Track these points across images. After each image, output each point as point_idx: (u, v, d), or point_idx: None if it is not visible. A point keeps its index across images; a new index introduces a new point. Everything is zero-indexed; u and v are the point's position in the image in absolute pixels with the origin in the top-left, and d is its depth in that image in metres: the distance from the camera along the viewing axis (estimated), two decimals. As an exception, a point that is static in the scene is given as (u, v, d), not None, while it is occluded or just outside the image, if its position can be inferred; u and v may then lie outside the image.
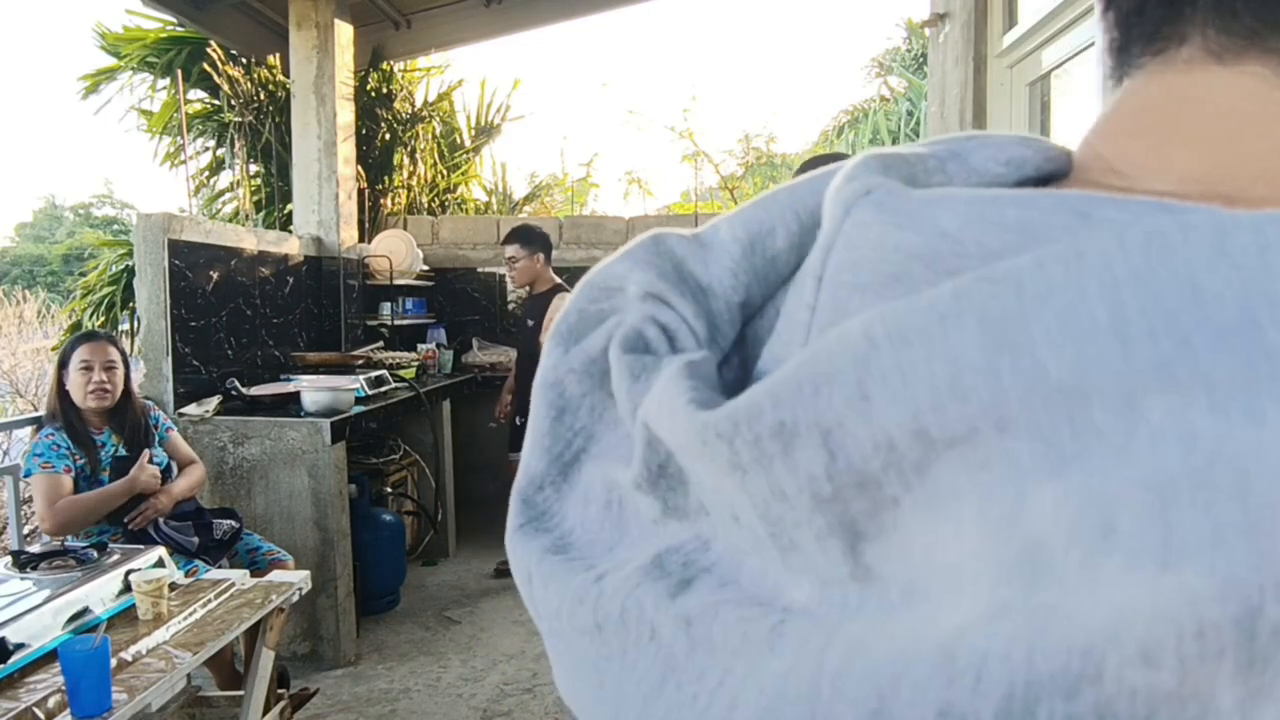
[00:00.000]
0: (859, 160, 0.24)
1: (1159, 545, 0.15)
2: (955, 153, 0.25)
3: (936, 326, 0.18)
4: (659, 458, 0.23)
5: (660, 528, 0.24)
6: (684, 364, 0.23)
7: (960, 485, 0.18)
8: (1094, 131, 0.26)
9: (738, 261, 0.26)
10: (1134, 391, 0.16)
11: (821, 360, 0.19)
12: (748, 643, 0.20)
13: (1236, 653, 0.14)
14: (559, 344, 0.27)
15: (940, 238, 0.21)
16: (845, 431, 0.19)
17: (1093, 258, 0.17)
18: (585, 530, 0.26)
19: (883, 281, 0.21)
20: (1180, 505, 0.15)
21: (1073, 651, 0.15)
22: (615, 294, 0.27)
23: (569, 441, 0.27)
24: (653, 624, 0.22)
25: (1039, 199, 0.20)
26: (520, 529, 0.27)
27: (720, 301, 0.26)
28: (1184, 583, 0.15)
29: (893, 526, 0.19)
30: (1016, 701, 0.16)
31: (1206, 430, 0.15)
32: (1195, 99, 0.23)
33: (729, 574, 0.22)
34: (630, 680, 0.22)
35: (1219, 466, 0.15)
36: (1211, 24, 0.22)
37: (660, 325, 0.25)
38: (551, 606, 0.25)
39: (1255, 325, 0.16)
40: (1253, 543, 0.14)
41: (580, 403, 0.27)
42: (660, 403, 0.22)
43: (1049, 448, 0.17)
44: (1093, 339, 0.17)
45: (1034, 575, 0.16)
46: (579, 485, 0.27)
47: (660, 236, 0.27)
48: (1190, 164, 0.23)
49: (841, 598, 0.20)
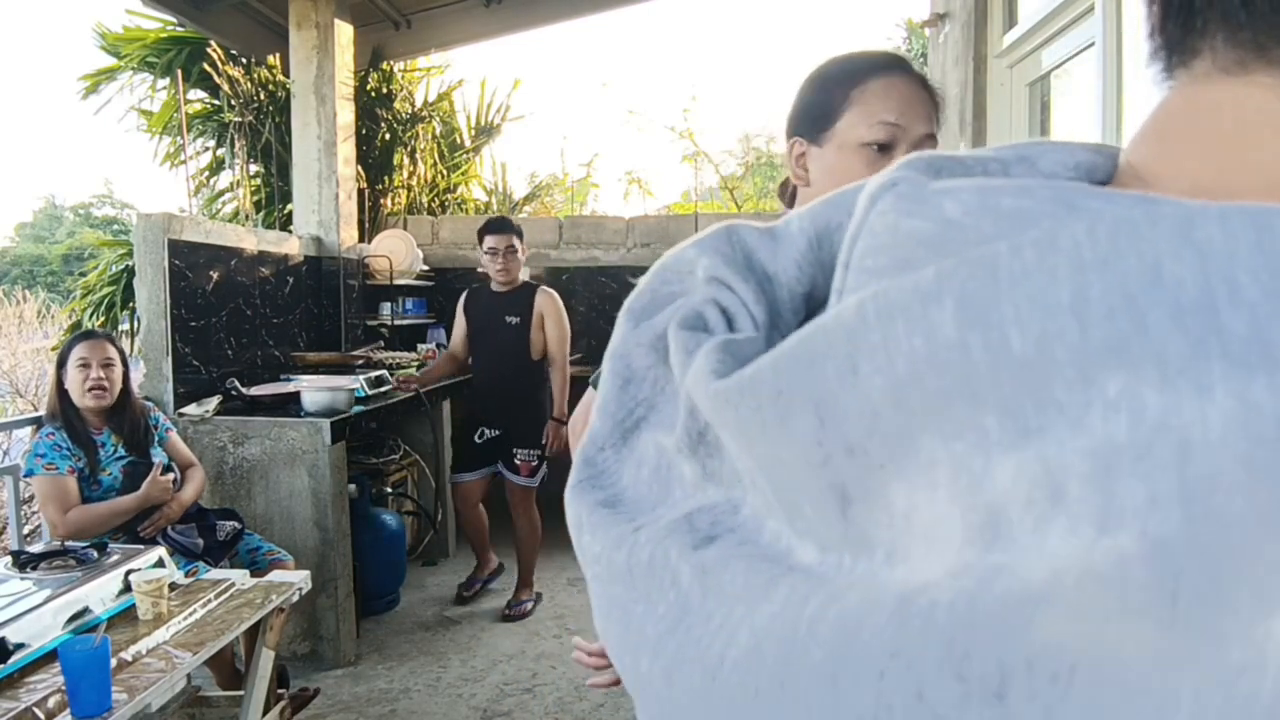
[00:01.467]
0: (905, 158, 0.25)
1: (1099, 510, 0.16)
2: (1023, 156, 0.26)
3: (918, 305, 0.19)
4: (698, 425, 0.25)
5: (698, 491, 0.26)
6: (722, 340, 0.25)
7: (936, 454, 0.19)
8: (1131, 139, 0.27)
9: (803, 254, 0.27)
10: (1090, 367, 0.17)
11: (819, 335, 0.21)
12: (749, 590, 0.22)
13: (1159, 611, 0.15)
14: (630, 319, 0.30)
15: (945, 224, 0.22)
16: (835, 400, 0.20)
17: (1064, 243, 0.18)
18: (635, 490, 0.28)
19: (895, 266, 0.22)
20: (1122, 474, 0.16)
21: (1008, 603, 0.17)
22: (686, 277, 0.29)
23: (631, 410, 0.29)
24: (675, 571, 0.24)
25: (1036, 190, 0.21)
26: (579, 484, 0.29)
27: (784, 290, 0.27)
28: (1116, 544, 0.16)
29: (879, 491, 0.20)
30: (956, 647, 0.17)
31: (1154, 404, 0.16)
32: (1207, 110, 0.24)
33: (749, 535, 0.24)
34: (650, 620, 0.24)
35: (1161, 438, 0.16)
36: (1219, 38, 0.23)
37: (721, 307, 0.27)
38: (595, 552, 0.27)
39: (1212, 308, 0.16)
40: (1185, 509, 0.15)
41: (645, 375, 0.29)
42: (693, 373, 0.24)
43: (1014, 420, 0.18)
44: (1054, 317, 0.18)
45: (993, 538, 0.18)
46: (636, 449, 0.29)
47: (734, 227, 0.29)
48: (1198, 172, 0.24)
49: (837, 560, 0.22)
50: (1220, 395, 0.16)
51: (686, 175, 21.15)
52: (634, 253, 4.86)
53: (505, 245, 3.39)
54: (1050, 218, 0.20)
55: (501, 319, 3.45)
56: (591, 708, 2.74)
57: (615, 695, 2.81)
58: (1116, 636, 0.16)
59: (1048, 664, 0.16)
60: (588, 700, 2.79)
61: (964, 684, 0.17)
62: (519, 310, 3.45)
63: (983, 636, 0.17)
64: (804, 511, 0.22)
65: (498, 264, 3.41)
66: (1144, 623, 0.15)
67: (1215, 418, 0.16)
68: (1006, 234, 0.20)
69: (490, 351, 3.50)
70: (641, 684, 0.25)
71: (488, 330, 3.49)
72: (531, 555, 3.58)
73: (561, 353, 3.49)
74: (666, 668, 0.24)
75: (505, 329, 3.44)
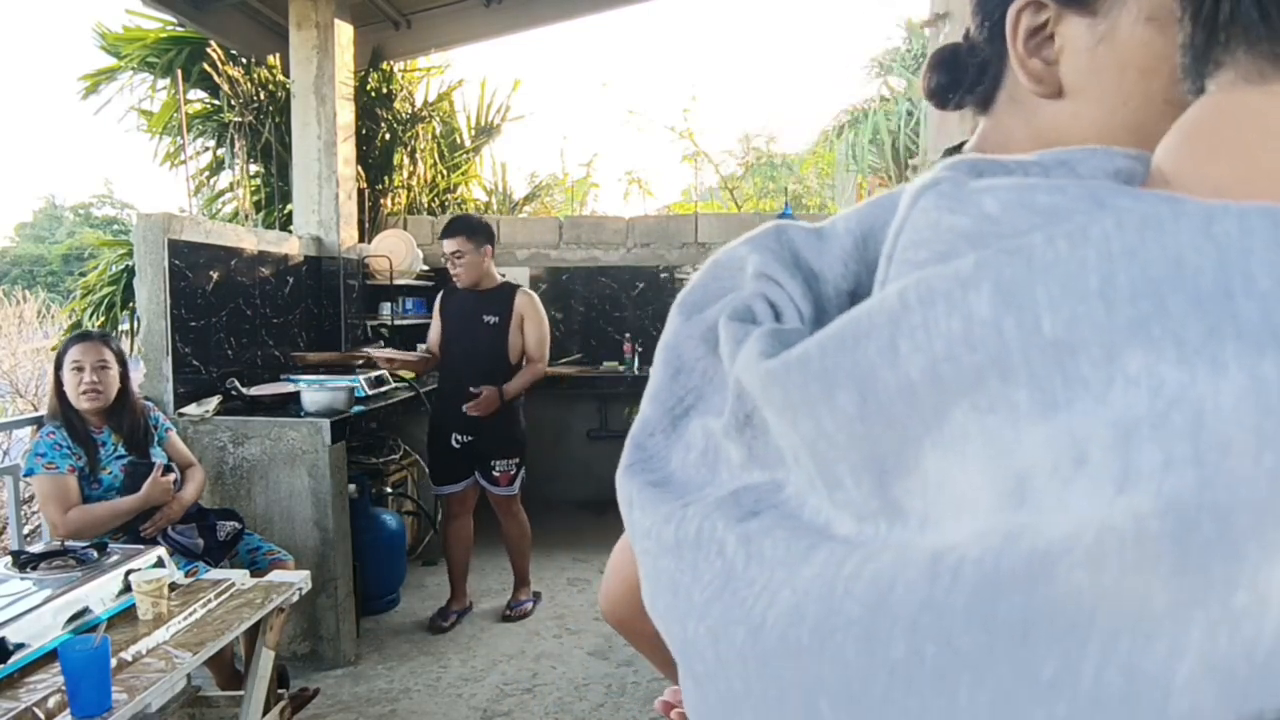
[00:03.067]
0: (948, 160, 0.27)
1: (1119, 473, 0.18)
2: (1063, 161, 0.27)
3: (958, 289, 0.21)
4: (746, 408, 0.27)
5: (744, 472, 0.28)
6: (770, 329, 0.26)
7: (969, 427, 0.21)
8: (1161, 146, 0.28)
9: (849, 253, 0.29)
10: (1114, 345, 0.19)
11: (863, 318, 0.23)
12: (790, 555, 0.24)
13: (1172, 561, 0.16)
14: (683, 313, 0.31)
15: (983, 219, 0.23)
16: (876, 377, 0.22)
17: (1095, 235, 0.20)
18: (684, 472, 0.29)
19: (936, 258, 0.24)
20: (1141, 440, 0.18)
21: (1032, 556, 0.18)
22: (737, 273, 0.30)
23: (680, 398, 0.31)
24: (720, 542, 0.26)
25: (1068, 188, 0.23)
26: (630, 467, 0.31)
27: (830, 287, 0.29)
28: (1132, 502, 0.17)
29: (915, 463, 0.22)
30: (983, 598, 0.18)
31: (1172, 379, 0.18)
32: (1229, 117, 0.25)
33: (792, 511, 0.26)
34: (698, 587, 0.26)
35: (1178, 409, 0.17)
36: (1241, 50, 0.25)
37: (769, 301, 0.28)
38: (645, 527, 0.29)
39: (1228, 294, 0.18)
40: (1198, 471, 0.17)
41: (695, 365, 0.30)
42: (743, 356, 0.26)
43: (1043, 394, 0.19)
44: (1083, 300, 0.19)
45: (1021, 501, 0.19)
46: (684, 435, 0.30)
47: (783, 226, 0.30)
48: (1221, 176, 0.25)
49: (874, 530, 0.23)
50: (1234, 371, 0.17)
51: (686, 175, 21.15)
52: (634, 253, 4.86)
53: (452, 250, 3.26)
54: (1082, 213, 0.22)
55: (479, 318, 3.32)
56: (591, 708, 2.74)
57: (615, 695, 2.81)
58: (1132, 585, 0.17)
59: (1068, 612, 0.17)
60: (588, 700, 2.79)
61: (990, 632, 0.18)
62: (497, 309, 3.31)
63: (1008, 588, 0.18)
64: (844, 484, 0.24)
65: (452, 268, 3.31)
66: (1157, 572, 0.17)
67: (1228, 391, 0.17)
68: (1041, 227, 0.21)
69: (466, 351, 3.33)
70: (689, 646, 0.26)
71: (464, 329, 3.34)
72: (524, 557, 3.52)
73: (540, 354, 3.35)
74: (713, 629, 0.25)
75: (483, 328, 3.31)
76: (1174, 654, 0.16)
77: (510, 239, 4.95)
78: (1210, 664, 0.16)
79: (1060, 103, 0.47)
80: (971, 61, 0.54)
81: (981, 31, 0.52)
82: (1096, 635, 0.17)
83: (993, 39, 0.51)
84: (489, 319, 3.30)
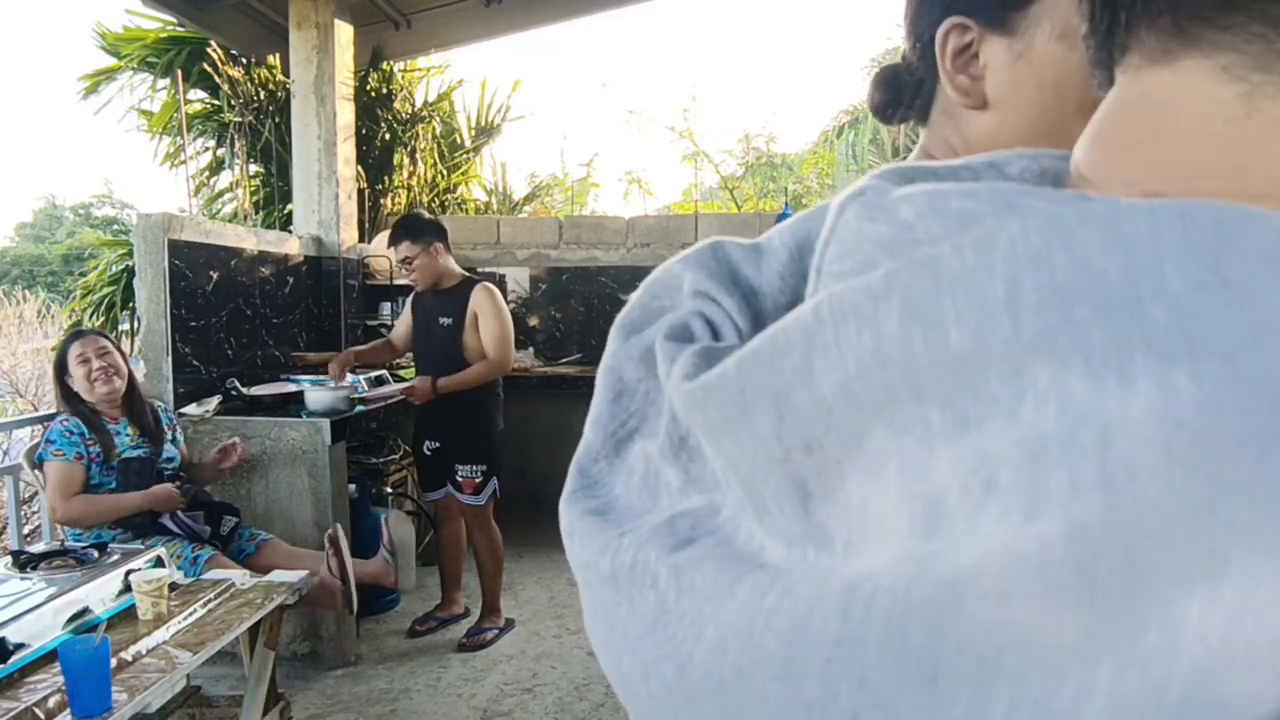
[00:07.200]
0: (879, 169, 0.26)
1: (1026, 497, 0.17)
2: (993, 163, 0.27)
3: (868, 304, 0.20)
4: (680, 430, 0.26)
5: (683, 497, 0.27)
6: (701, 348, 0.26)
7: (887, 449, 0.20)
8: (1077, 145, 0.27)
9: (785, 266, 0.28)
10: (1022, 360, 0.18)
11: (779, 335, 0.22)
12: (716, 588, 0.23)
13: (1078, 593, 0.16)
14: (621, 334, 0.31)
15: (901, 227, 0.23)
16: (792, 397, 0.21)
17: (1001, 242, 0.19)
18: (626, 498, 0.29)
19: (857, 269, 0.23)
20: (1049, 461, 0.17)
21: (939, 587, 0.17)
22: (674, 292, 0.30)
23: (623, 421, 0.30)
24: (654, 574, 0.25)
25: (980, 191, 0.22)
26: (573, 494, 0.30)
27: (768, 302, 0.28)
28: (1039, 530, 0.16)
29: (836, 486, 0.21)
30: (894, 631, 0.18)
31: (1080, 394, 0.17)
32: (1140, 103, 0.24)
33: (727, 536, 0.25)
34: (632, 621, 0.25)
35: (1085, 427, 0.16)
36: (1144, 28, 0.23)
37: (706, 319, 0.28)
38: (584, 559, 0.28)
39: (1137, 300, 0.17)
40: (1105, 495, 0.16)
41: (636, 388, 0.30)
42: (671, 379, 0.25)
43: (955, 413, 0.19)
44: (990, 313, 0.18)
45: (934, 527, 0.18)
46: (627, 459, 0.30)
47: (719, 243, 0.30)
48: (1132, 168, 0.24)
49: (802, 556, 0.22)
50: (1142, 384, 0.16)
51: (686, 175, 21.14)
52: (634, 253, 4.86)
53: (400, 258, 3.07)
54: (992, 217, 0.21)
55: (436, 320, 3.10)
56: (591, 708, 2.74)
57: (615, 695, 2.81)
58: (1039, 619, 0.16)
59: (976, 647, 0.17)
60: (588, 700, 2.79)
61: (901, 668, 0.18)
62: (451, 310, 3.07)
63: (918, 621, 0.17)
64: (770, 508, 0.23)
65: (407, 275, 3.14)
66: (1064, 605, 0.16)
67: (1136, 406, 0.16)
68: (953, 234, 0.21)
69: (424, 354, 3.17)
70: (624, 682, 0.26)
71: (425, 332, 3.15)
72: (493, 578, 3.24)
73: (496, 351, 3.05)
74: (644, 665, 0.24)
75: (438, 330, 3.09)
76: (1082, 695, 0.15)
77: (510, 239, 4.95)
78: (1119, 705, 0.15)
79: (987, 113, 0.53)
80: (909, 79, 0.58)
81: (915, 51, 0.56)
82: (1005, 674, 0.16)
83: (925, 57, 0.55)
84: (444, 320, 3.09)
